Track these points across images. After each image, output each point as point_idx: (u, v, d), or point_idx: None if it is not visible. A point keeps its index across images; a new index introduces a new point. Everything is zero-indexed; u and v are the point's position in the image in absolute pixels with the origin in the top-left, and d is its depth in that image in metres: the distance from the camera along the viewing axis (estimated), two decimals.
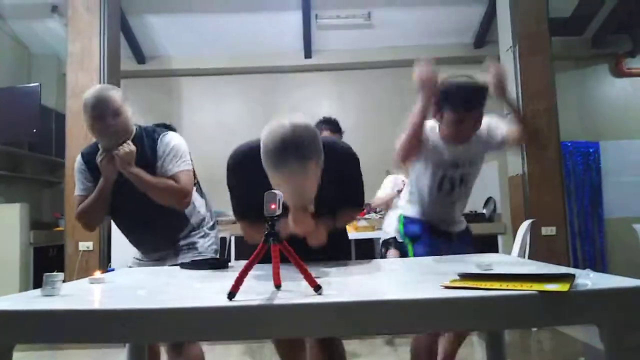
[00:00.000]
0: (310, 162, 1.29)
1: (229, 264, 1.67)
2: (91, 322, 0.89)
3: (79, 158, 2.05)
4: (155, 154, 1.95)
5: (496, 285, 0.96)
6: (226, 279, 1.39)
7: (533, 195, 4.33)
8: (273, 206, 1.02)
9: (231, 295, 0.95)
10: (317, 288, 0.98)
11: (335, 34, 5.94)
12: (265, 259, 1.05)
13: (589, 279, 0.92)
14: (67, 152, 4.78)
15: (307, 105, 6.26)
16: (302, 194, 1.33)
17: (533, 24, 4.50)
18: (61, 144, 5.00)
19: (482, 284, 0.98)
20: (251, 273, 0.99)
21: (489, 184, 5.39)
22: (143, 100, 5.84)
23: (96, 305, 0.96)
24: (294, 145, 1.29)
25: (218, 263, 1.66)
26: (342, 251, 1.85)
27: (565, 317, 0.87)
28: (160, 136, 1.99)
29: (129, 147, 1.88)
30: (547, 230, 4.28)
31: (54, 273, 1.14)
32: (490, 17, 5.47)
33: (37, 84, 5.22)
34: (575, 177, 5.80)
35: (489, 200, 5.43)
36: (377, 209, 5.15)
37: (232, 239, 4.89)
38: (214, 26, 5.81)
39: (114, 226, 2.21)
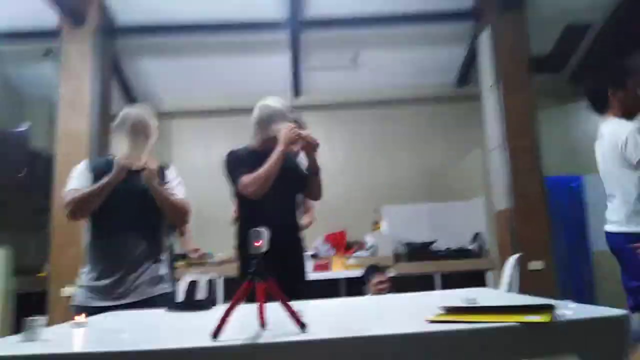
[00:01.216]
0: None
1: (215, 304, 1.66)
2: None
3: (83, 164, 2.27)
4: (164, 178, 2.29)
5: (480, 318, 0.97)
6: (212, 319, 1.38)
7: (519, 229, 4.37)
8: (257, 243, 1.03)
9: (215, 334, 0.95)
10: (302, 326, 0.98)
11: (322, 75, 6.09)
12: (250, 298, 1.05)
13: (569, 309, 0.94)
14: (55, 194, 4.76)
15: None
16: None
17: (514, 62, 4.65)
18: (47, 187, 4.98)
19: (466, 318, 0.99)
20: (236, 313, 0.98)
21: (475, 220, 5.42)
22: None
23: (76, 349, 0.95)
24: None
25: (205, 304, 1.64)
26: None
27: (547, 347, 0.88)
28: (170, 166, 2.43)
29: (155, 164, 2.21)
30: (534, 265, 4.30)
31: (35, 317, 1.12)
32: (472, 57, 5.65)
33: (26, 126, 5.24)
34: (560, 211, 5.86)
35: (476, 235, 5.45)
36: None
37: (221, 280, 4.84)
38: (206, 68, 5.93)
39: None
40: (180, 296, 1.65)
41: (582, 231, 5.83)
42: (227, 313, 0.98)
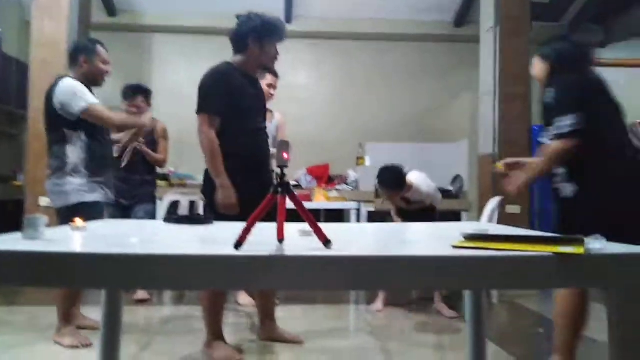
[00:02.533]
0: None
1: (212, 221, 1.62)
2: (88, 266, 0.83)
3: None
4: None
5: (508, 246, 0.95)
6: (207, 231, 1.34)
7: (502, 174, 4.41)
8: (286, 155, 0.97)
9: (238, 245, 0.90)
10: (327, 242, 0.95)
11: (317, 2, 5.81)
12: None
13: (599, 244, 0.93)
14: (31, 103, 4.52)
15: (283, 72, 6.12)
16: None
17: (516, 6, 4.52)
18: (22, 95, 4.72)
19: (493, 245, 0.97)
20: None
21: (457, 162, 5.46)
22: (111, 55, 5.56)
23: (94, 249, 0.89)
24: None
25: (203, 219, 1.60)
26: None
27: (579, 279, 0.88)
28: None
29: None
30: (512, 209, 4.39)
31: (37, 215, 1.05)
32: None
33: None
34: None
35: (456, 177, 5.51)
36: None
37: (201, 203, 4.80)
38: None
39: None
40: (175, 211, 1.62)
41: None
42: (250, 225, 0.93)
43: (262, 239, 0.92)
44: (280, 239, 1.05)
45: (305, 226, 1.27)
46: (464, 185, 5.39)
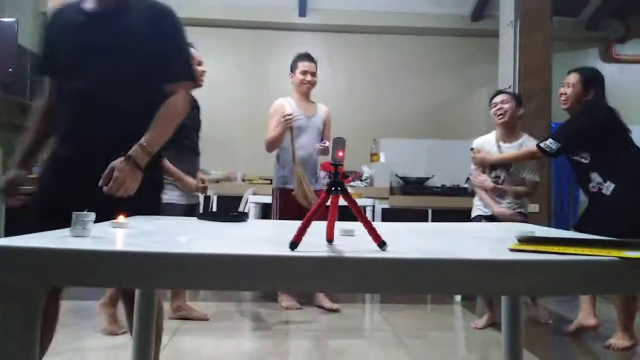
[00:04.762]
0: None
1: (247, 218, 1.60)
2: (144, 265, 0.81)
3: None
4: None
5: (571, 250, 0.93)
6: (245, 229, 1.32)
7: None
8: (341, 153, 0.95)
9: (293, 245, 0.88)
10: (382, 244, 0.92)
11: None
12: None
13: None
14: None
15: None
16: None
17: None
18: (37, 87, 4.72)
19: (554, 249, 0.94)
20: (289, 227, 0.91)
21: None
22: None
23: (150, 248, 0.87)
24: None
25: (238, 217, 1.58)
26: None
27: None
28: None
29: None
30: (531, 208, 4.34)
31: (85, 212, 1.04)
32: None
33: (13, 19, 4.87)
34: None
35: None
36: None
37: (215, 197, 4.81)
38: None
39: None
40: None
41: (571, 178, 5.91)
42: (305, 224, 0.91)
43: (309, 239, 0.90)
44: (330, 239, 1.03)
45: (346, 225, 1.26)
46: None
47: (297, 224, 0.90)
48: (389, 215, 4.88)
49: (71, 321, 2.87)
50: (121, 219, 1.22)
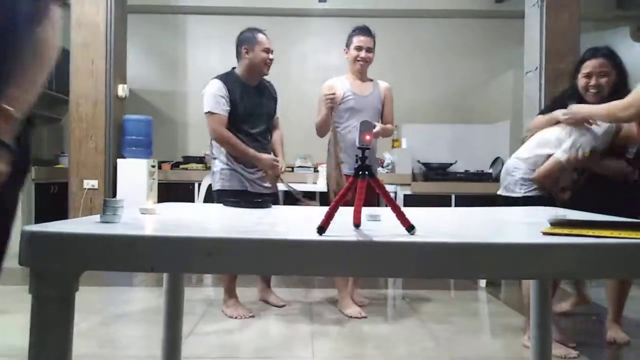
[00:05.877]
0: None
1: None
2: (176, 250, 0.82)
3: (218, 83, 2.91)
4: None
5: (604, 233, 0.91)
6: (270, 216, 1.32)
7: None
8: (368, 137, 0.94)
9: (321, 230, 0.88)
10: (411, 228, 0.91)
11: None
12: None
13: None
14: (72, 87, 4.60)
15: (316, 52, 6.06)
16: None
17: None
18: (61, 79, 4.79)
19: (589, 232, 0.92)
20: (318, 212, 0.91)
21: (498, 144, 5.34)
22: (146, 37, 5.59)
23: (181, 233, 0.88)
24: None
25: (262, 203, 1.59)
26: None
27: None
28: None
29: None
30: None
31: (115, 198, 1.05)
32: None
33: None
34: None
35: (496, 160, 5.39)
36: None
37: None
38: None
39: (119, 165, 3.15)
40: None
41: None
42: (333, 209, 0.91)
43: (335, 224, 0.89)
44: (357, 223, 1.03)
45: (372, 210, 1.25)
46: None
47: (323, 209, 0.90)
48: (412, 201, 4.85)
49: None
50: (149, 204, 1.23)
